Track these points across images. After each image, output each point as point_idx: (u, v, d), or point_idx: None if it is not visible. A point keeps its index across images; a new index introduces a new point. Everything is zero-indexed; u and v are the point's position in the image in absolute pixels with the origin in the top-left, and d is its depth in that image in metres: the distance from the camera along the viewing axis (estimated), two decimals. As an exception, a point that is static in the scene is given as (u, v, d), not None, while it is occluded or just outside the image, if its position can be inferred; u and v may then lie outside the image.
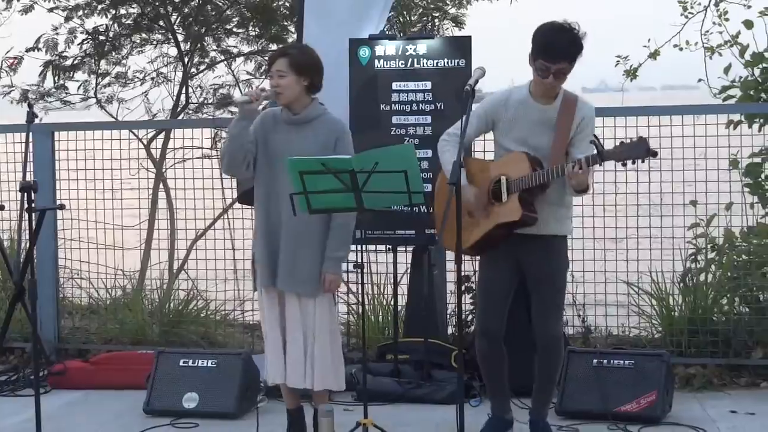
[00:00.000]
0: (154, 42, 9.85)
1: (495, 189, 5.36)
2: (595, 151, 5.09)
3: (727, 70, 7.53)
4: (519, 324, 5.68)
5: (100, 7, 9.59)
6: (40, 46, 9.66)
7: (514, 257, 5.44)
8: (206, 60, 9.93)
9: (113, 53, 9.79)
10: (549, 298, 5.45)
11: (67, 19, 9.65)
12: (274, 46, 9.68)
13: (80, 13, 9.63)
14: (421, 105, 6.69)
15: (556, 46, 5.17)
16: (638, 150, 5.00)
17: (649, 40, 8.70)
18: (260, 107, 5.47)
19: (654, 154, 5.04)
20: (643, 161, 5.05)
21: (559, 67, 5.19)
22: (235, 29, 9.83)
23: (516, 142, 5.36)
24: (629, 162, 5.04)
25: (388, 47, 6.74)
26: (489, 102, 5.46)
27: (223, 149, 5.47)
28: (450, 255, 6.59)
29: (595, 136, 5.15)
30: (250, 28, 9.80)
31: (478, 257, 5.78)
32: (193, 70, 9.94)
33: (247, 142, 5.36)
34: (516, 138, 5.36)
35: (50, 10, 9.75)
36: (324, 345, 5.42)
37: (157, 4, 9.66)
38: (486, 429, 5.73)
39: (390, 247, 6.87)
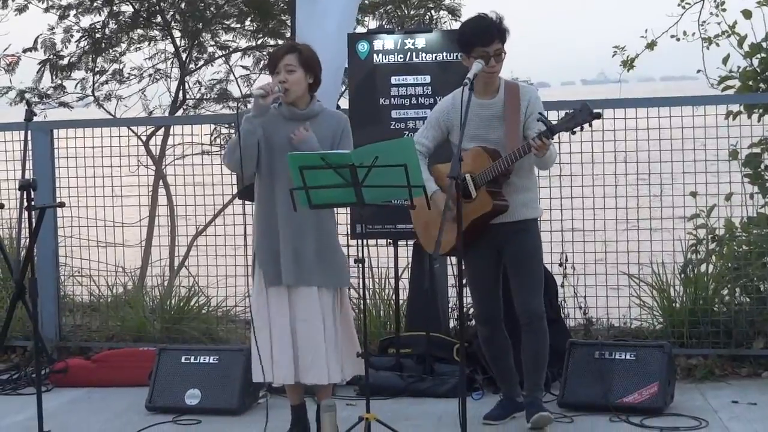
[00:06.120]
0: (151, 38, 9.85)
1: (463, 188, 5.47)
2: (545, 128, 5.31)
3: (725, 60, 7.52)
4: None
5: (94, 5, 9.59)
6: (38, 46, 9.67)
7: (494, 246, 5.65)
8: (204, 56, 9.93)
9: (110, 50, 9.79)
10: (527, 277, 5.63)
11: (62, 17, 9.64)
12: (272, 41, 9.68)
13: (74, 12, 9.63)
14: (420, 99, 6.69)
15: (486, 30, 5.50)
16: (583, 115, 5.28)
17: (646, 31, 8.69)
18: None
19: (598, 115, 5.32)
20: (590, 125, 5.34)
21: (495, 48, 5.49)
22: (232, 24, 9.83)
23: (472, 141, 5.59)
24: (578, 129, 5.31)
25: (386, 41, 6.73)
26: (438, 110, 5.74)
27: (232, 146, 5.36)
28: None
29: (541, 114, 5.39)
30: (248, 23, 9.79)
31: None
32: (192, 65, 9.93)
33: (257, 138, 5.35)
34: (471, 137, 5.58)
35: (45, 10, 9.75)
36: (350, 334, 5.50)
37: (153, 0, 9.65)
38: (496, 409, 5.86)
39: (390, 241, 6.88)
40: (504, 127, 5.55)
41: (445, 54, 6.65)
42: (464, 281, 5.88)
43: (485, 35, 5.47)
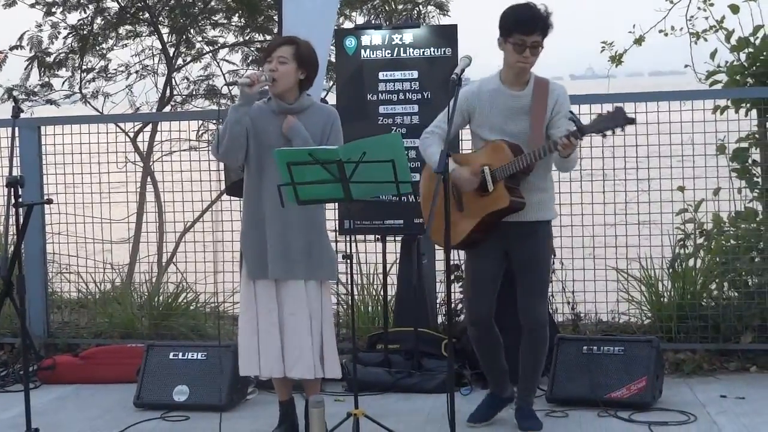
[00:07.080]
0: (138, 34, 9.82)
1: (481, 180, 5.42)
2: (575, 127, 5.16)
3: (713, 55, 7.52)
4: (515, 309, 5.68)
5: (80, 1, 9.57)
6: (24, 44, 9.64)
7: (501, 246, 5.53)
8: (192, 52, 9.91)
9: (97, 47, 9.76)
10: (534, 283, 5.53)
11: (48, 14, 9.61)
12: (259, 37, 9.66)
13: (60, 9, 9.61)
14: (408, 94, 6.68)
15: (530, 19, 5.30)
16: (616, 119, 5.11)
17: (634, 26, 8.69)
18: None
19: (632, 121, 5.13)
20: (622, 129, 5.13)
21: (534, 39, 5.31)
22: (220, 20, 9.81)
23: (493, 132, 5.45)
24: (608, 132, 5.13)
25: (374, 37, 6.73)
26: (462, 95, 5.44)
27: (219, 135, 5.33)
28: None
29: (572, 112, 5.26)
30: (235, 18, 9.77)
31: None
32: (180, 61, 9.91)
33: (245, 128, 5.33)
34: (493, 127, 5.45)
35: (32, 5, 9.72)
36: (332, 330, 5.46)
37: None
38: (482, 405, 5.81)
39: (379, 236, 6.88)
40: (529, 121, 5.40)
41: (432, 49, 6.64)
42: (452, 277, 5.87)
43: (527, 24, 5.28)
